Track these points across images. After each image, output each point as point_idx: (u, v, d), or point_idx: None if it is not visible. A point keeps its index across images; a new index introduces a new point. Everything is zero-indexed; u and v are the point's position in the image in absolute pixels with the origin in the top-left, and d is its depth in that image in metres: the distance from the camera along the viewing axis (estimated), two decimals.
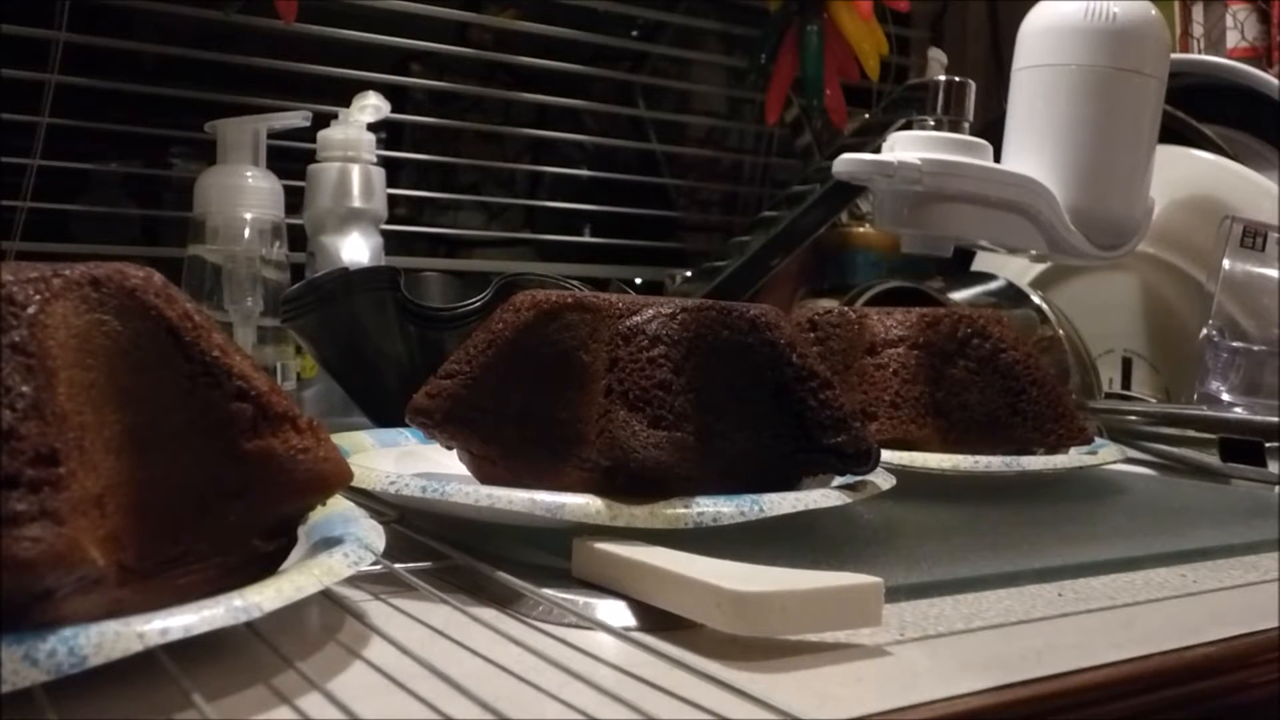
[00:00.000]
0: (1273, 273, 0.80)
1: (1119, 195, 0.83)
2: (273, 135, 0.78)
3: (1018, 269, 0.98)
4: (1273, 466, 0.69)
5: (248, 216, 0.74)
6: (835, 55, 1.12)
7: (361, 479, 0.44)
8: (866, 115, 1.11)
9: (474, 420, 0.45)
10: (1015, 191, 0.79)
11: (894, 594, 0.39)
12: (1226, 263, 0.79)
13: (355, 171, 0.79)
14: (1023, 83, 0.84)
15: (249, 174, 0.75)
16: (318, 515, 0.38)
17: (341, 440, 0.52)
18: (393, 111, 0.82)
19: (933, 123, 0.81)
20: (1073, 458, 0.62)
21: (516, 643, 0.34)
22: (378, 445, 0.56)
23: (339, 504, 0.40)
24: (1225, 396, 0.78)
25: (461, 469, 0.48)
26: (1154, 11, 0.82)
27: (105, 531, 0.29)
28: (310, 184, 0.79)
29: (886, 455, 0.53)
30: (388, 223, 0.82)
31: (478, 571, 0.40)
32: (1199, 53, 1.22)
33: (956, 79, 0.82)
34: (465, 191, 1.20)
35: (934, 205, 0.78)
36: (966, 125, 0.82)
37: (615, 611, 0.37)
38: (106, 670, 0.27)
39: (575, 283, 0.65)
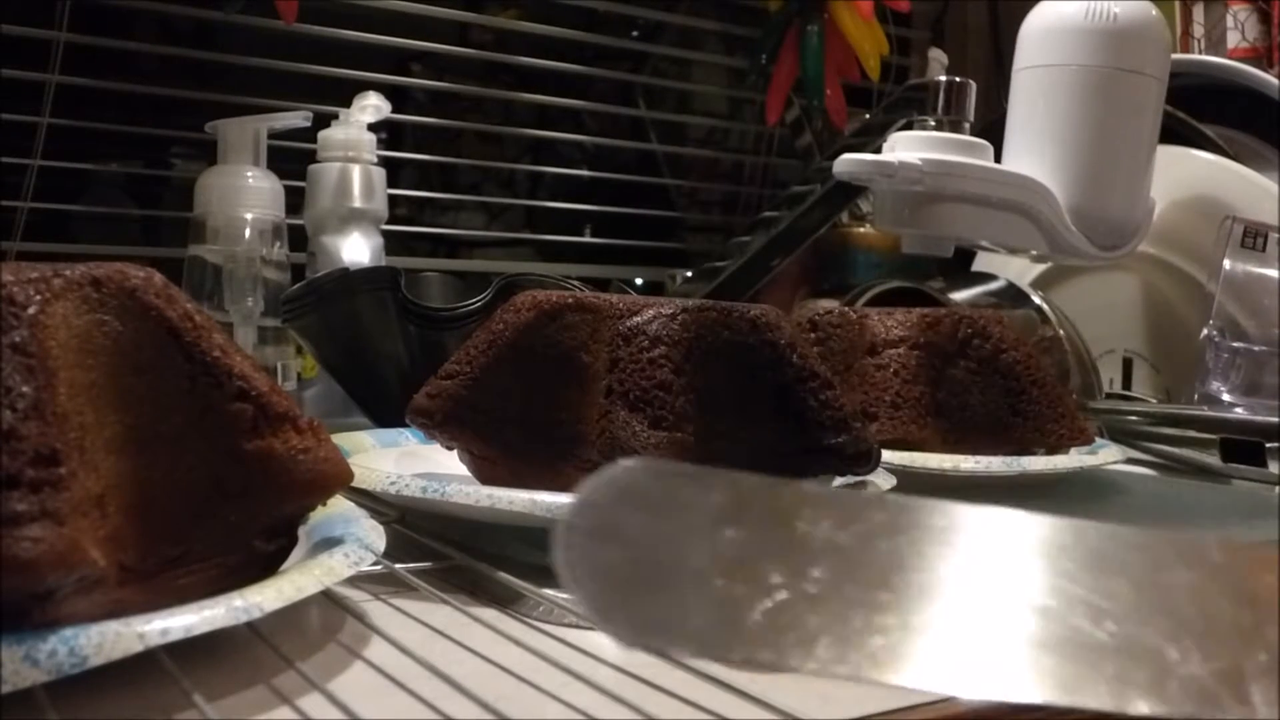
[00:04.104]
0: (1273, 273, 0.79)
1: (1120, 195, 0.83)
2: (273, 135, 0.78)
3: (1018, 269, 0.98)
4: (1273, 467, 0.69)
5: (248, 217, 0.74)
6: (836, 55, 1.12)
7: (362, 479, 0.44)
8: (867, 115, 1.11)
9: (475, 420, 0.45)
10: (1016, 192, 0.79)
11: None
12: (1227, 263, 0.79)
13: (356, 172, 0.79)
14: (1023, 83, 0.84)
15: (249, 174, 0.75)
16: (318, 515, 0.38)
17: (342, 440, 0.52)
18: (393, 112, 0.82)
19: (933, 123, 0.81)
20: (1073, 458, 0.62)
21: (517, 643, 0.34)
22: (378, 445, 0.56)
23: (339, 504, 0.40)
24: (1226, 397, 0.77)
25: (462, 469, 0.48)
26: (1155, 12, 0.82)
27: (106, 532, 0.29)
28: (311, 184, 0.79)
29: (887, 455, 0.53)
30: (388, 223, 0.82)
31: (478, 571, 0.40)
32: (1199, 53, 1.22)
33: (957, 79, 0.82)
34: (466, 192, 1.20)
35: (934, 205, 0.78)
36: (967, 125, 0.81)
37: None
38: (107, 670, 0.27)
39: (576, 283, 0.65)
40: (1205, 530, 0.55)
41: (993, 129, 0.86)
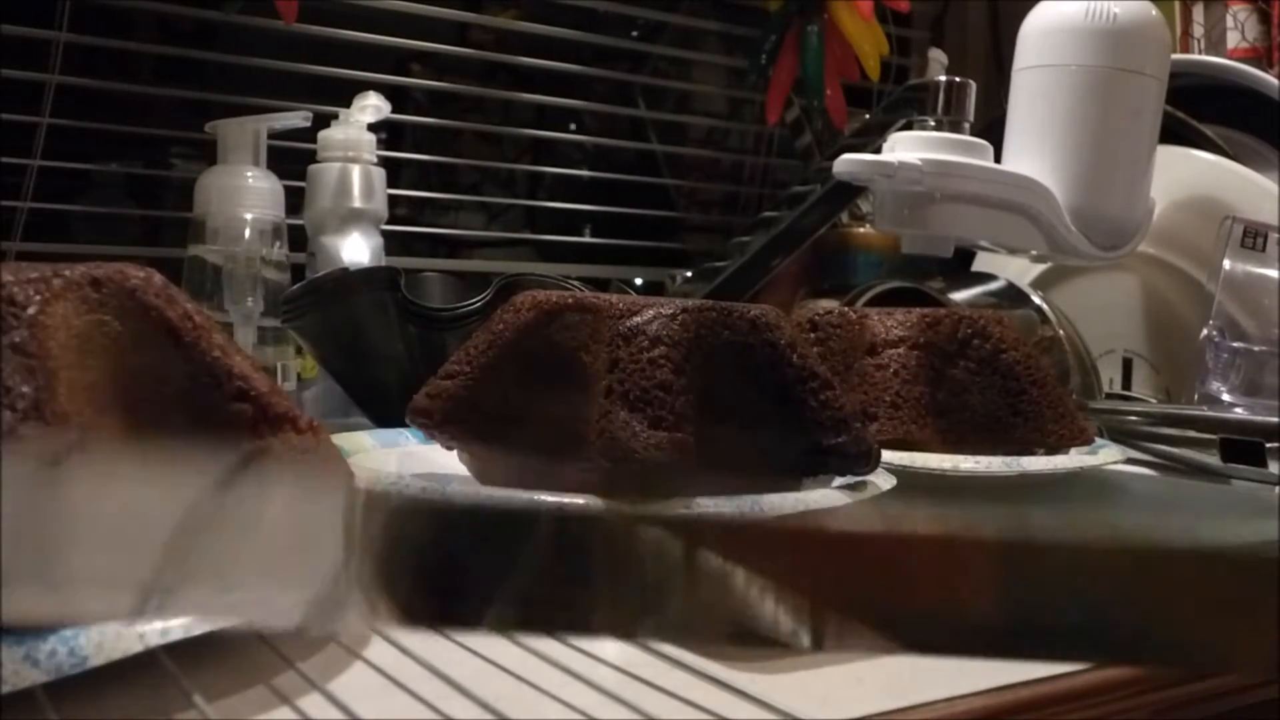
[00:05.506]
0: (1273, 273, 0.79)
1: (1119, 196, 0.83)
2: (273, 135, 0.78)
3: (1018, 269, 0.98)
4: (1273, 467, 0.69)
5: (248, 217, 0.74)
6: (835, 55, 1.12)
7: (362, 479, 0.44)
8: (867, 115, 1.11)
9: (474, 421, 0.45)
10: (1015, 192, 0.79)
11: None
12: (1227, 263, 0.79)
13: (355, 172, 0.79)
14: (1023, 83, 0.84)
15: (249, 174, 0.75)
16: None
17: (342, 440, 0.52)
18: (393, 112, 0.82)
19: (933, 123, 0.81)
20: (1073, 458, 0.62)
21: (516, 643, 0.34)
22: (378, 445, 0.56)
23: None
24: (1225, 397, 0.77)
25: (462, 469, 0.48)
26: (1155, 12, 0.82)
27: None
28: (310, 184, 0.79)
29: (887, 455, 0.53)
30: (388, 223, 0.82)
31: None
32: (1199, 53, 1.22)
33: (957, 79, 0.82)
34: (465, 192, 1.20)
35: (934, 206, 0.78)
36: (967, 125, 0.82)
37: None
38: (107, 670, 0.27)
39: (575, 283, 0.65)
40: (1205, 530, 0.55)
41: (993, 129, 0.86)
